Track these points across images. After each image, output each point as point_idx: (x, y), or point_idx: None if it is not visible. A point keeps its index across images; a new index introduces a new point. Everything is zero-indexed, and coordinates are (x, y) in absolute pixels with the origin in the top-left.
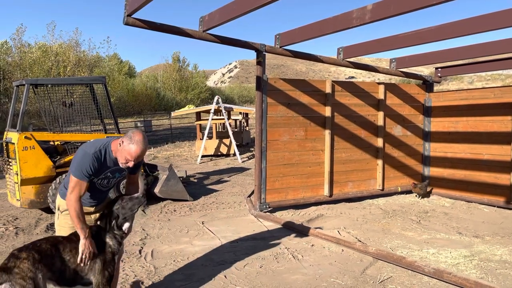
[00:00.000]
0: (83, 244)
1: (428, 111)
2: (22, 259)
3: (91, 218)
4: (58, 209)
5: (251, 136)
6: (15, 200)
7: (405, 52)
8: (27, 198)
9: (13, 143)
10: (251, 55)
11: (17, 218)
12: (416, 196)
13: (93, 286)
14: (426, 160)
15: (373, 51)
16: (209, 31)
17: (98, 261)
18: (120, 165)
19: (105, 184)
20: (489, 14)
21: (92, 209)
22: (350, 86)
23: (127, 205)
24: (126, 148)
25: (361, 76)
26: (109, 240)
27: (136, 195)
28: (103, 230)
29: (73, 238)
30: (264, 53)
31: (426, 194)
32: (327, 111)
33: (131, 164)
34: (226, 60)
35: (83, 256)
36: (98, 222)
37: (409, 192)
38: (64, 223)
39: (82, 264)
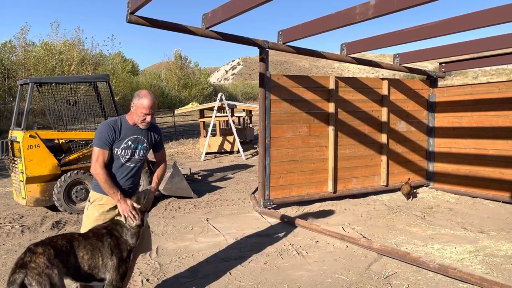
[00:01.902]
0: (120, 207)
1: (432, 107)
2: (38, 254)
3: (117, 213)
4: (89, 201)
5: (255, 133)
6: (21, 198)
7: (409, 47)
8: (32, 196)
9: (18, 142)
10: (254, 52)
11: (22, 216)
12: (406, 195)
13: (107, 281)
14: (431, 156)
15: (376, 46)
16: (212, 28)
17: (114, 258)
18: (140, 126)
19: (129, 156)
20: (493, 8)
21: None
22: (353, 82)
23: (147, 197)
24: (138, 104)
25: (364, 72)
26: (128, 238)
27: (148, 187)
28: (120, 226)
29: (90, 235)
30: (267, 49)
31: (412, 194)
32: (330, 107)
33: (148, 118)
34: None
35: (127, 217)
36: (118, 218)
37: (413, 188)
38: (91, 214)
39: (132, 223)
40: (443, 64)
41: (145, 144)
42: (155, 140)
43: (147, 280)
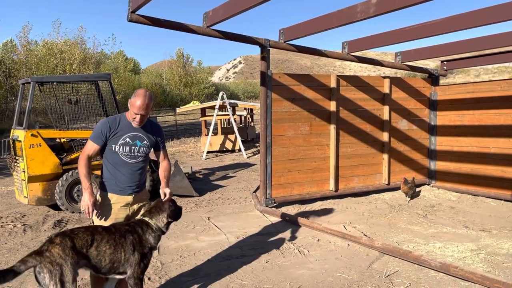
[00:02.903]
0: (84, 198)
1: (434, 105)
2: (54, 244)
3: (129, 212)
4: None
5: (256, 132)
6: (23, 197)
7: (411, 46)
8: (34, 195)
9: (20, 141)
10: (256, 51)
11: (24, 215)
12: (406, 196)
13: (128, 275)
14: (432, 154)
15: (378, 44)
16: (213, 27)
17: (136, 254)
18: (133, 124)
19: (128, 152)
20: (495, 6)
21: (131, 197)
22: (355, 80)
23: (176, 210)
24: (132, 102)
25: (366, 70)
26: (150, 238)
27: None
28: (145, 225)
29: (112, 230)
30: (268, 48)
31: (415, 194)
32: (332, 106)
33: (138, 118)
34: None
35: (82, 209)
36: (145, 218)
37: (416, 186)
38: (101, 212)
39: (87, 216)
40: (445, 62)
41: (145, 142)
42: (155, 140)
43: (149, 279)
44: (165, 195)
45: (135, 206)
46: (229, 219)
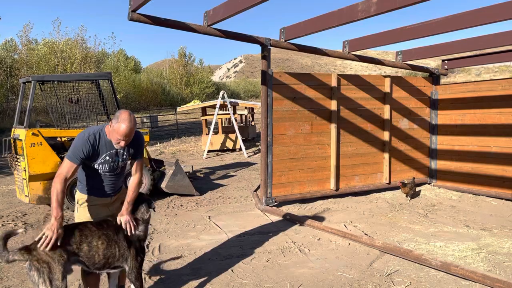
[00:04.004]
0: (51, 225)
1: (435, 104)
2: None
3: (109, 211)
4: (77, 203)
5: (257, 131)
6: (24, 196)
7: (412, 45)
8: (35, 194)
9: (21, 140)
10: (256, 50)
11: (25, 214)
12: (406, 197)
13: (128, 269)
14: (433, 153)
15: (379, 44)
16: (214, 26)
17: (132, 250)
18: (115, 145)
19: (107, 169)
20: (496, 4)
21: (109, 199)
22: (356, 80)
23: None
24: (115, 127)
25: (367, 70)
26: (139, 232)
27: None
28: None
29: (104, 226)
30: (269, 47)
31: (416, 194)
32: (333, 105)
33: (122, 143)
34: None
35: (44, 236)
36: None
37: (416, 185)
38: (83, 216)
39: (41, 245)
40: (446, 62)
41: (124, 156)
42: (135, 151)
43: (150, 277)
44: (120, 222)
45: (117, 204)
46: (229, 218)
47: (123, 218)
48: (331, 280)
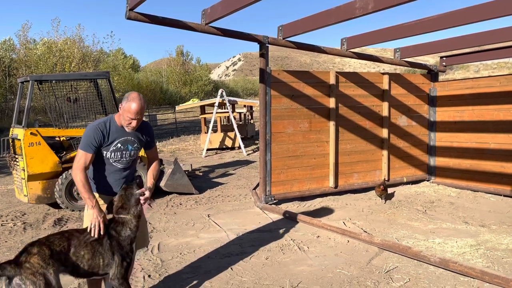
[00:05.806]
0: (91, 214)
1: (433, 101)
2: (32, 254)
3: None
4: None
5: (256, 129)
6: (23, 196)
7: (410, 42)
8: (34, 193)
9: (19, 139)
10: (255, 48)
11: (25, 214)
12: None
13: (111, 276)
14: (432, 150)
15: (377, 41)
16: (212, 24)
17: (116, 258)
18: (126, 129)
19: (119, 158)
20: (495, 1)
21: (112, 196)
22: (354, 77)
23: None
24: (125, 107)
25: (365, 67)
26: (128, 232)
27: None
28: (121, 225)
29: (89, 235)
30: (267, 45)
31: (388, 196)
32: (331, 103)
33: (133, 123)
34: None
35: (92, 227)
36: (121, 215)
37: (414, 182)
38: (91, 213)
39: (93, 235)
40: (444, 58)
41: (135, 145)
42: (146, 140)
43: (149, 276)
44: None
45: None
46: (229, 216)
47: (149, 188)
48: (330, 277)
